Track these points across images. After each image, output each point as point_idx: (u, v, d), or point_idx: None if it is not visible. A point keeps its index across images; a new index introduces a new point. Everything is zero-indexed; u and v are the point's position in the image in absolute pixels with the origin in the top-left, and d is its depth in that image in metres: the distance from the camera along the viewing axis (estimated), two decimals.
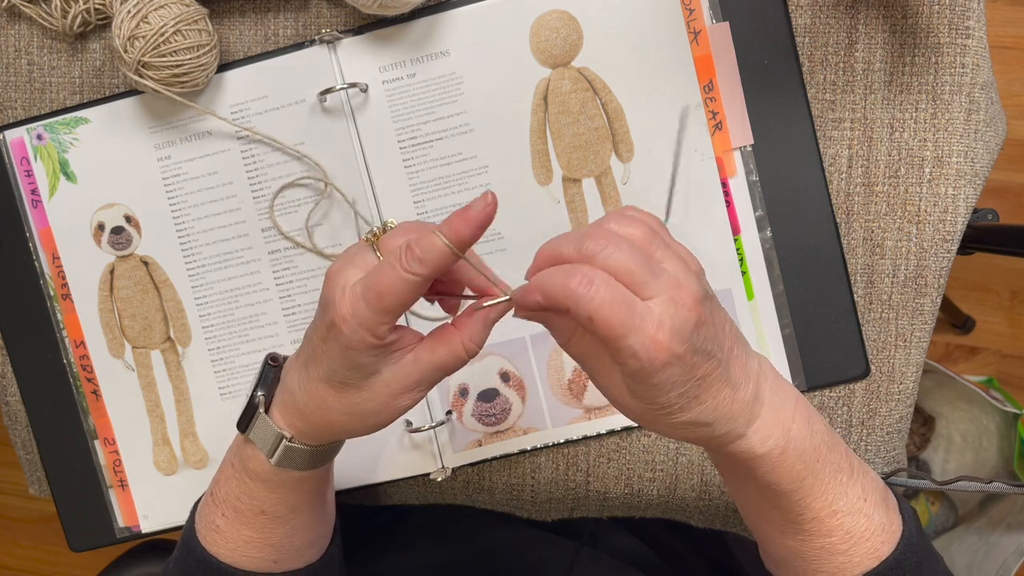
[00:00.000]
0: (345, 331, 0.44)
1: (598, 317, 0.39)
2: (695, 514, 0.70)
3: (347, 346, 0.44)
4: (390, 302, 0.43)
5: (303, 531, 0.56)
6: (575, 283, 0.39)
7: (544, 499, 0.70)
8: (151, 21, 0.60)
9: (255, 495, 0.52)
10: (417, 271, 0.42)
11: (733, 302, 0.65)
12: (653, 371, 0.40)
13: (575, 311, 0.39)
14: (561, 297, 0.39)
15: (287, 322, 0.68)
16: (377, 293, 0.43)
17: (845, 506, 0.47)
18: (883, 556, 0.47)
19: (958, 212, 0.64)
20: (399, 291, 0.43)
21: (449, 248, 0.42)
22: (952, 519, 1.22)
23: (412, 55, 0.64)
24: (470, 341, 0.46)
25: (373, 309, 0.43)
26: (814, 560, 0.48)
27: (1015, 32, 1.35)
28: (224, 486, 0.54)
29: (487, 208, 0.42)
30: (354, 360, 0.45)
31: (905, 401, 0.66)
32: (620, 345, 0.39)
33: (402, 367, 0.46)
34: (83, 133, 0.67)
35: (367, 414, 0.48)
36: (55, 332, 0.69)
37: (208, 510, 0.55)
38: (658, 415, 0.43)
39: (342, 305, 0.44)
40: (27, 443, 0.72)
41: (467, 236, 0.42)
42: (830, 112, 0.64)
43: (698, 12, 0.63)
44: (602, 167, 0.65)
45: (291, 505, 0.53)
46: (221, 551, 0.54)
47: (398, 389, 0.47)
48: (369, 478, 0.68)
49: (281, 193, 0.66)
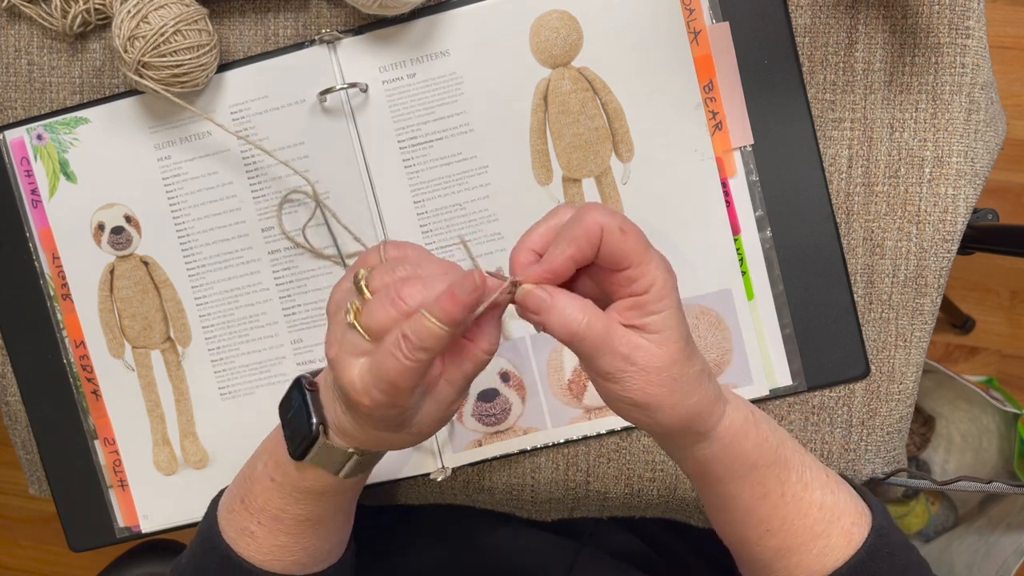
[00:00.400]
0: (376, 415, 0.46)
1: (628, 227, 0.43)
2: (695, 514, 0.70)
3: (382, 420, 0.47)
4: (404, 386, 0.44)
5: (336, 532, 0.57)
6: (598, 211, 0.43)
7: (544, 499, 0.70)
8: (151, 21, 0.60)
9: (305, 506, 0.53)
10: (420, 358, 0.43)
11: (733, 302, 0.65)
12: (673, 286, 0.45)
13: (607, 228, 0.43)
14: (592, 225, 0.43)
15: (287, 322, 0.68)
16: (390, 383, 0.44)
17: (813, 479, 0.50)
18: (857, 542, 0.49)
19: (958, 212, 0.64)
20: (410, 376, 0.44)
21: (443, 330, 0.42)
22: (952, 519, 1.22)
23: (412, 55, 0.64)
24: (487, 344, 0.47)
25: (392, 397, 0.45)
26: (796, 552, 0.50)
27: (1015, 32, 1.35)
28: (262, 497, 0.53)
29: (475, 293, 0.42)
30: (394, 420, 0.47)
31: (905, 401, 0.66)
32: (649, 256, 0.44)
33: (439, 393, 0.47)
34: (83, 133, 0.67)
35: (424, 434, 0.50)
36: (55, 332, 0.69)
37: (240, 517, 0.55)
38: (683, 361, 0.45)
39: (360, 398, 0.45)
40: (27, 443, 0.72)
41: (458, 318, 0.42)
42: (830, 112, 0.64)
43: (698, 12, 0.63)
44: (602, 167, 0.65)
45: (338, 507, 0.55)
46: (253, 554, 0.54)
47: (444, 408, 0.48)
48: (370, 478, 0.68)
49: (282, 194, 0.66)
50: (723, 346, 0.66)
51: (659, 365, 0.44)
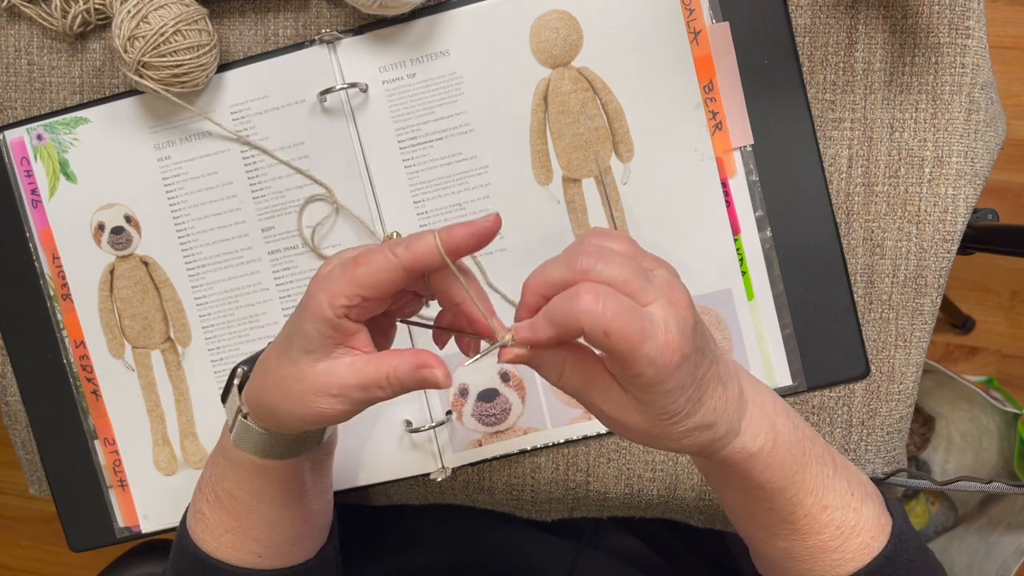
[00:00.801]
0: (310, 290, 0.44)
1: (613, 329, 0.38)
2: (695, 514, 0.70)
3: (305, 306, 0.44)
4: (362, 273, 0.42)
5: (280, 526, 0.55)
6: (585, 303, 0.38)
7: (544, 499, 0.70)
8: (151, 21, 0.60)
9: (226, 475, 0.53)
10: (400, 255, 0.42)
11: (733, 302, 0.65)
12: (668, 375, 0.39)
13: (590, 330, 0.38)
14: (573, 321, 0.39)
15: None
16: (354, 260, 0.43)
17: (834, 500, 0.48)
18: (874, 552, 0.48)
19: (958, 212, 0.64)
20: (375, 266, 0.42)
21: (438, 248, 0.42)
22: (952, 519, 1.22)
23: (412, 55, 0.64)
24: (394, 372, 0.44)
25: (345, 277, 0.43)
26: (807, 559, 0.48)
27: (1015, 32, 1.35)
28: (208, 469, 0.55)
29: (489, 225, 0.42)
30: (303, 324, 0.44)
31: (905, 401, 0.66)
32: (638, 354, 0.38)
33: (337, 365, 0.45)
34: (83, 133, 0.67)
35: (289, 396, 0.46)
36: (55, 332, 0.69)
37: (196, 498, 0.56)
38: (666, 426, 0.42)
39: (320, 270, 0.44)
40: (27, 443, 0.72)
41: (459, 242, 0.42)
42: (830, 112, 0.64)
43: (698, 12, 0.63)
44: (602, 167, 0.65)
45: (254, 492, 0.53)
46: (207, 541, 0.55)
47: (322, 385, 0.45)
48: (369, 478, 0.68)
49: (281, 194, 0.66)
50: (723, 346, 0.66)
51: (635, 427, 0.42)
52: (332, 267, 0.44)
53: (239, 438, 0.51)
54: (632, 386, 0.41)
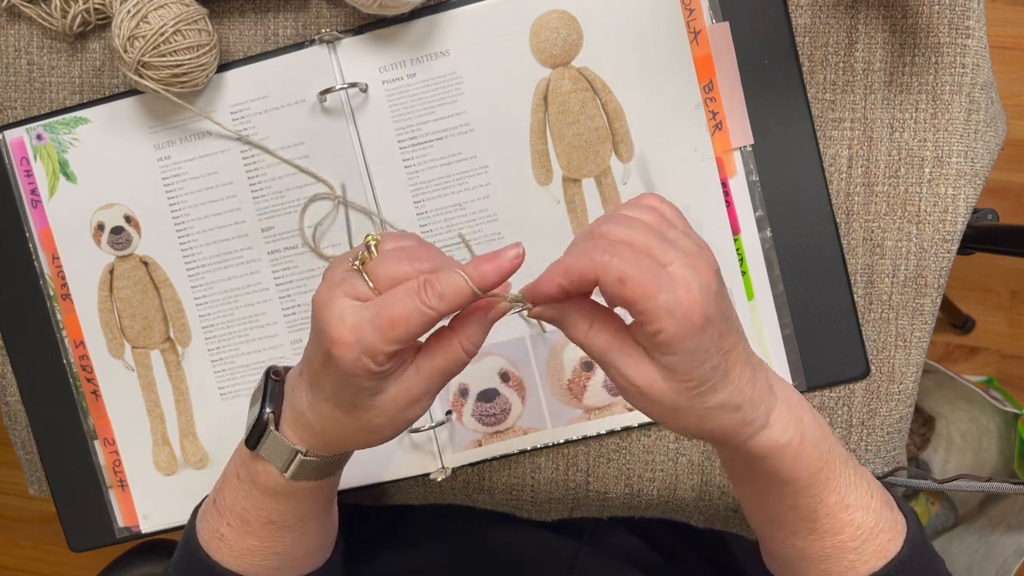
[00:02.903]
0: (347, 357, 0.43)
1: (629, 276, 0.38)
2: (695, 514, 0.70)
3: (348, 372, 0.44)
4: (401, 332, 0.42)
5: (308, 539, 0.56)
6: (598, 252, 0.39)
7: (544, 499, 0.70)
8: (151, 21, 0.60)
9: (264, 506, 0.52)
10: (436, 307, 0.42)
11: (733, 302, 0.65)
12: (691, 332, 0.39)
13: (603, 279, 0.39)
14: (586, 269, 0.39)
15: (287, 322, 0.68)
16: (390, 320, 0.42)
17: (855, 500, 0.48)
18: (890, 555, 0.48)
19: (958, 212, 0.64)
20: (413, 322, 0.42)
21: (472, 289, 0.42)
22: (952, 519, 1.22)
23: (412, 55, 0.64)
24: (468, 342, 0.45)
25: (382, 337, 0.42)
26: (824, 560, 0.48)
27: (1015, 32, 1.35)
28: (230, 496, 0.53)
29: (516, 260, 0.42)
30: (356, 385, 0.45)
31: (905, 401, 0.66)
32: (656, 304, 0.38)
33: (405, 380, 0.46)
34: (83, 133, 0.67)
35: (378, 429, 0.48)
36: (55, 332, 0.69)
37: (212, 518, 0.54)
38: (691, 397, 0.42)
39: (341, 331, 0.43)
40: (27, 443, 0.72)
41: (493, 281, 0.42)
42: (830, 112, 0.64)
43: (698, 12, 0.63)
44: (602, 167, 0.65)
45: (301, 515, 0.54)
46: (225, 558, 0.54)
47: (405, 403, 0.46)
48: (369, 478, 0.68)
49: (281, 194, 0.66)
50: None
51: (661, 397, 0.42)
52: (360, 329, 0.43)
53: (298, 474, 0.50)
54: (656, 347, 0.40)
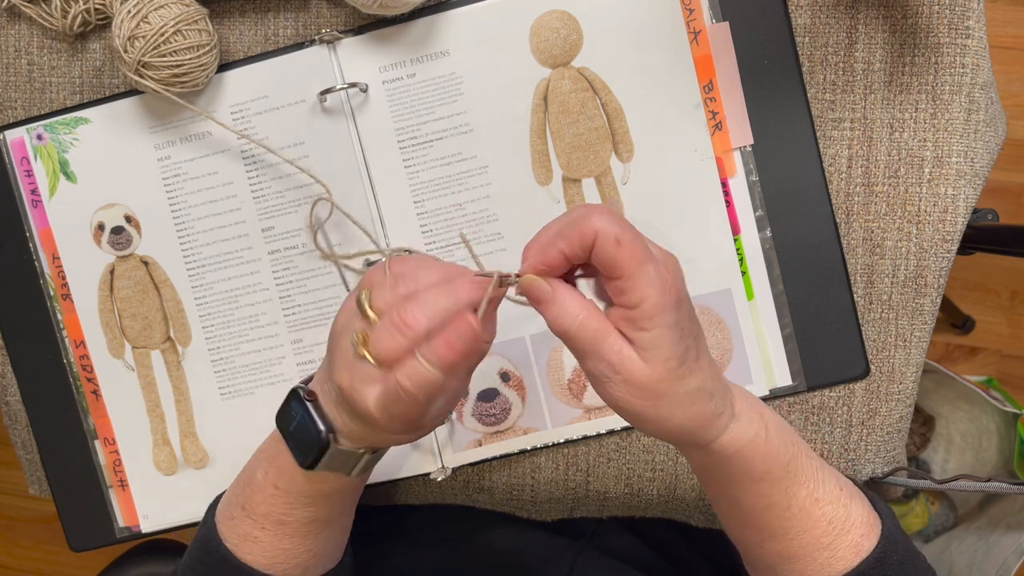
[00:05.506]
0: (392, 428, 0.48)
1: (625, 239, 0.42)
2: (695, 514, 0.70)
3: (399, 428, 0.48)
4: (414, 415, 0.46)
5: (340, 533, 0.58)
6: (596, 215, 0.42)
7: (544, 499, 0.70)
8: (151, 21, 0.60)
9: (312, 508, 0.54)
10: (426, 392, 0.45)
11: (733, 302, 0.65)
12: (670, 303, 0.43)
13: (601, 238, 0.42)
14: (588, 229, 0.42)
15: (287, 322, 0.68)
16: (401, 420, 0.47)
17: (825, 494, 0.49)
18: (865, 552, 0.49)
19: (958, 212, 0.64)
20: (416, 406, 0.45)
21: (438, 376, 0.44)
22: (952, 519, 1.22)
23: (412, 55, 0.64)
24: (489, 336, 0.47)
25: (404, 425, 0.47)
26: (799, 559, 0.49)
27: (1015, 32, 1.35)
28: (266, 504, 0.54)
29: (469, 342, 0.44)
30: (410, 426, 0.49)
31: (905, 401, 0.66)
32: (643, 271, 0.42)
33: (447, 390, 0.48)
34: (83, 133, 0.67)
35: (426, 426, 0.51)
36: (55, 332, 0.69)
37: (241, 523, 0.55)
38: (672, 381, 0.44)
39: (381, 420, 0.47)
40: (27, 443, 0.72)
41: (453, 362, 0.44)
42: (830, 112, 0.64)
43: (698, 12, 0.63)
44: (602, 167, 0.65)
45: (344, 507, 0.57)
46: (256, 559, 0.54)
47: (452, 401, 0.50)
48: (369, 478, 0.68)
49: (281, 194, 0.66)
50: (723, 346, 0.66)
51: (643, 381, 0.43)
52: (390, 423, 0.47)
53: (365, 469, 0.53)
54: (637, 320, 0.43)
